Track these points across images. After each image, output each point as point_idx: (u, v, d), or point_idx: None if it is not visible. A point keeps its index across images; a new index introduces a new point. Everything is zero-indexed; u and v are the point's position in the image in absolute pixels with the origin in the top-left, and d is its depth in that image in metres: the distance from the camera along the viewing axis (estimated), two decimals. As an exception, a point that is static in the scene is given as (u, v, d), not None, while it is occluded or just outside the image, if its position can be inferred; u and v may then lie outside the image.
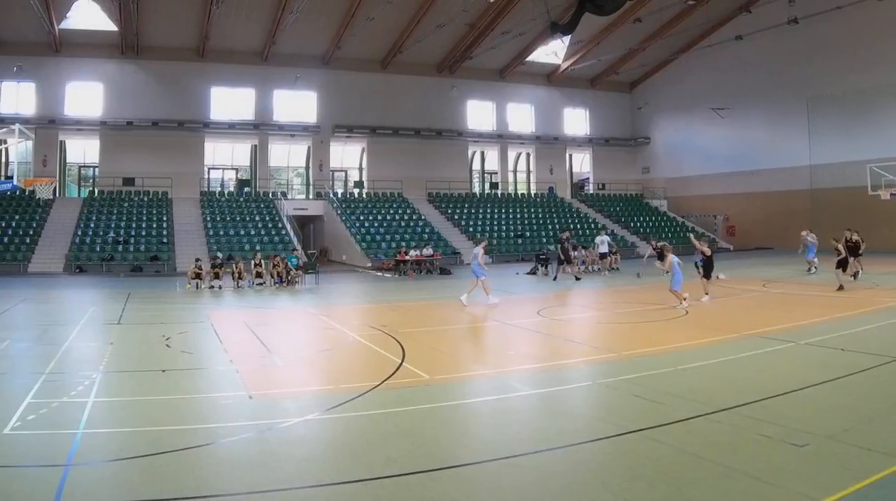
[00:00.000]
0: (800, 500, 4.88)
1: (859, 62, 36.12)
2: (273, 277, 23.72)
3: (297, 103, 41.90)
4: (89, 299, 19.88)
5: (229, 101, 40.67)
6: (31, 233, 32.20)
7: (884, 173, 31.01)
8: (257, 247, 31.01)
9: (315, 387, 8.88)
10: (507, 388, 8.55)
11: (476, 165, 48.72)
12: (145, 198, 37.30)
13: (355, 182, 44.34)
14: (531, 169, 49.61)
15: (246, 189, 41.09)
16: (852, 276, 18.55)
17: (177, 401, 7.93)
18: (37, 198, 31.69)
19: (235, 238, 34.09)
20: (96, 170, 39.18)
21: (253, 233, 34.90)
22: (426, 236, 36.19)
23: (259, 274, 23.92)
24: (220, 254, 26.37)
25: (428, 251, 30.90)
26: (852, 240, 21.27)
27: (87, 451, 6.08)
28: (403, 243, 32.15)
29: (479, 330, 14.07)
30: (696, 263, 19.21)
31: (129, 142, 38.19)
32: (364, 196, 42.49)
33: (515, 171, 49.83)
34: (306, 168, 43.93)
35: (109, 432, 6.74)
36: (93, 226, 33.32)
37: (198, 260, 23.47)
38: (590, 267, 28.33)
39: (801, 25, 34.38)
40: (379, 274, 29.75)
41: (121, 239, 32.26)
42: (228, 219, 36.28)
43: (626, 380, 8.58)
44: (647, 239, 35.50)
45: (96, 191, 38.22)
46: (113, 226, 33.45)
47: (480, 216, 41.74)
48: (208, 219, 35.86)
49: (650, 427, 6.56)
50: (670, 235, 39.43)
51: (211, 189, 41.23)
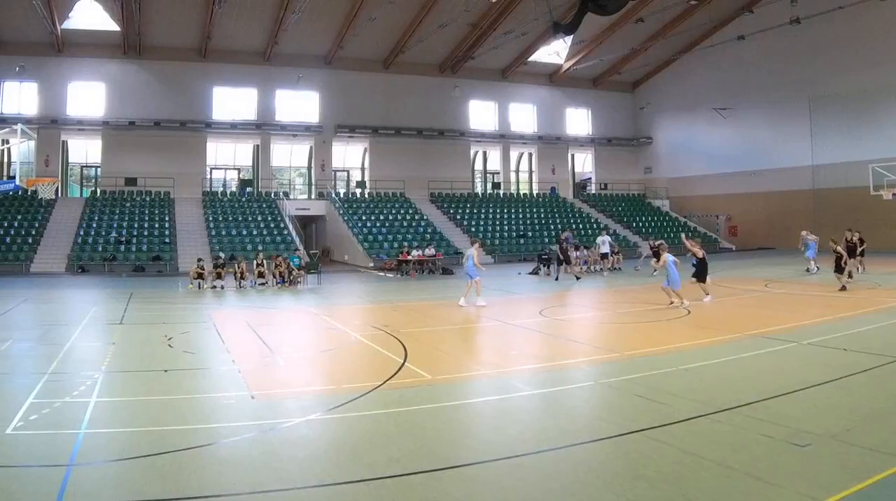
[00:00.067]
0: (802, 500, 4.88)
1: (861, 62, 36.09)
2: (275, 277, 23.75)
3: (299, 103, 41.91)
4: (91, 299, 19.90)
5: (231, 101, 40.70)
6: (34, 233, 32.25)
7: (886, 173, 30.98)
8: (259, 247, 31.03)
9: (317, 387, 8.88)
10: (509, 388, 8.55)
11: (478, 165, 48.72)
12: (147, 198, 37.34)
13: (357, 182, 44.37)
14: (533, 169, 49.61)
15: (248, 189, 41.15)
16: (847, 276, 18.51)
17: (179, 401, 7.94)
18: (39, 198, 31.61)
19: (238, 238, 34.12)
20: (98, 170, 39.21)
21: (255, 232, 34.93)
22: (428, 236, 36.19)
23: (261, 274, 23.94)
24: (222, 254, 26.42)
25: (430, 251, 30.89)
26: (852, 240, 21.25)
27: (89, 451, 6.08)
28: (406, 243, 32.14)
29: (482, 331, 14.06)
30: (694, 264, 19.12)
31: (132, 142, 38.24)
32: (366, 196, 42.53)
33: (518, 171, 49.81)
34: (308, 168, 43.96)
35: (112, 432, 6.75)
36: (95, 226, 33.36)
37: (200, 260, 23.53)
38: (592, 268, 28.34)
39: (803, 25, 34.38)
40: (381, 274, 29.77)
41: (123, 239, 32.29)
42: (231, 219, 36.31)
43: (628, 380, 8.58)
44: (647, 239, 35.43)
45: (98, 191, 38.25)
46: (115, 226, 33.49)
47: (483, 216, 41.74)
48: (210, 219, 35.89)
49: (652, 428, 6.56)
50: (672, 235, 39.38)
51: (213, 189, 41.28)
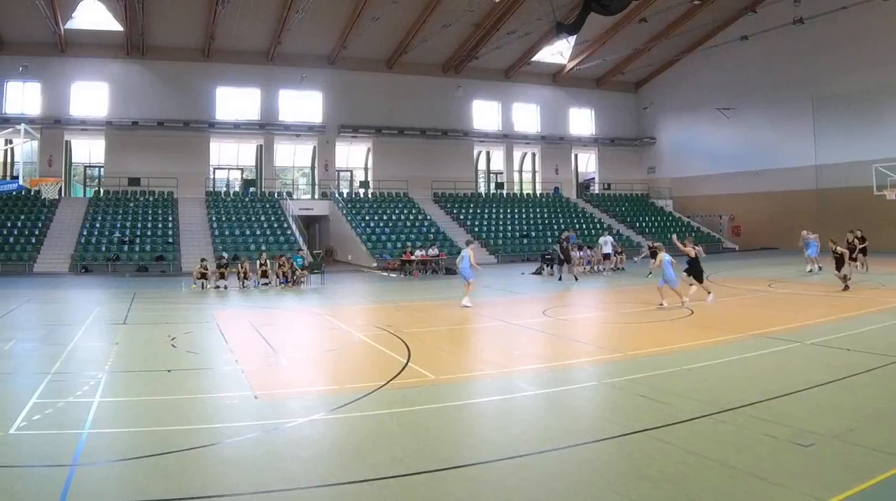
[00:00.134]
0: (805, 500, 4.87)
1: (864, 62, 36.01)
2: (278, 277, 23.76)
3: (302, 103, 41.93)
4: (95, 299, 19.96)
5: (235, 101, 40.73)
6: (37, 232, 32.31)
7: (889, 173, 30.88)
8: (263, 247, 31.07)
9: (320, 387, 8.88)
10: (513, 388, 8.55)
11: (481, 165, 48.70)
12: (151, 199, 37.39)
13: (361, 182, 44.39)
14: (536, 169, 49.58)
15: (251, 189, 41.20)
16: (843, 280, 18.41)
17: (182, 401, 7.95)
18: (42, 198, 31.79)
19: (241, 238, 34.15)
20: (102, 170, 39.26)
21: (258, 233, 34.96)
22: (432, 236, 36.19)
23: (264, 274, 23.94)
24: (225, 254, 26.44)
25: (433, 251, 30.87)
26: (852, 242, 21.20)
27: (92, 451, 6.10)
28: (409, 243, 32.16)
29: (485, 331, 14.06)
30: (688, 263, 19.07)
31: (135, 142, 38.28)
32: (369, 196, 42.54)
33: (521, 171, 49.77)
34: (312, 168, 44.00)
35: (115, 432, 6.76)
36: (98, 226, 33.41)
37: (203, 260, 23.57)
38: (595, 268, 28.32)
39: (806, 25, 34.34)
40: (384, 274, 29.78)
41: (126, 239, 32.34)
42: (234, 219, 36.35)
43: (632, 380, 8.58)
44: (649, 239, 35.42)
45: (102, 191, 38.30)
46: (118, 226, 33.54)
47: (486, 216, 41.73)
48: (214, 219, 35.94)
49: (655, 428, 6.56)
50: (664, 237, 39.27)
51: (216, 189, 41.31)
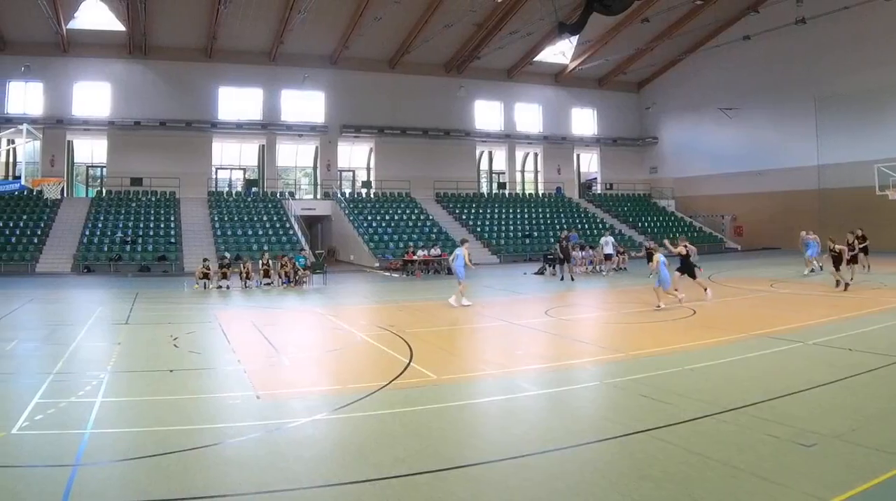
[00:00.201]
0: (807, 500, 4.88)
1: (867, 62, 35.94)
2: (281, 277, 23.75)
3: (304, 103, 41.95)
4: (97, 299, 19.98)
5: (237, 101, 40.74)
6: (39, 233, 32.35)
7: (891, 173, 30.78)
8: (265, 247, 31.06)
9: (323, 387, 8.89)
10: (515, 388, 8.55)
11: (484, 165, 48.67)
12: (153, 198, 37.42)
13: (363, 182, 44.40)
14: (539, 169, 49.55)
15: (254, 189, 41.22)
16: (836, 280, 18.38)
17: (184, 401, 7.96)
18: (44, 198, 31.80)
19: (243, 238, 34.17)
20: (104, 170, 39.32)
21: (261, 233, 34.98)
22: (434, 236, 36.17)
23: (267, 274, 23.95)
24: (227, 254, 26.47)
25: (436, 251, 30.84)
26: (852, 243, 21.18)
27: (94, 451, 6.10)
28: (411, 243, 32.17)
29: (487, 331, 14.05)
30: (696, 267, 19.06)
31: (137, 142, 38.33)
32: (372, 196, 42.54)
33: (523, 171, 49.76)
34: (314, 168, 44.00)
35: (117, 432, 6.77)
36: (100, 226, 33.44)
37: (205, 260, 23.57)
38: (597, 268, 28.31)
39: (808, 25, 34.25)
40: (386, 274, 29.78)
41: (128, 239, 32.37)
42: (236, 219, 36.37)
43: (634, 380, 8.57)
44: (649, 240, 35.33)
45: (104, 191, 38.36)
46: (121, 226, 33.56)
47: (488, 216, 41.71)
48: (216, 219, 35.96)
49: (657, 428, 6.56)
50: (676, 236, 39.25)
51: (218, 189, 41.34)
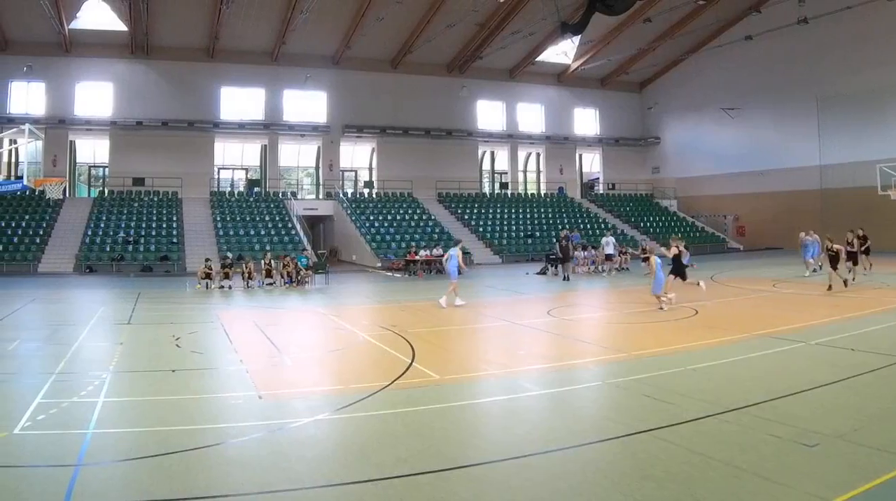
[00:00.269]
0: (810, 500, 4.87)
1: (869, 62, 35.90)
2: (283, 277, 23.75)
3: (307, 103, 41.95)
4: (99, 299, 20.00)
5: (239, 101, 40.76)
6: (41, 233, 32.39)
7: (893, 173, 30.71)
8: (267, 247, 31.05)
9: (325, 387, 8.89)
10: (517, 388, 8.54)
11: (486, 165, 48.64)
12: (155, 198, 37.45)
13: (365, 182, 44.39)
14: (541, 169, 49.52)
15: (256, 189, 41.22)
16: (829, 285, 18.36)
17: (186, 401, 7.96)
18: (47, 198, 31.78)
19: (245, 238, 34.19)
20: (106, 170, 39.37)
21: (263, 233, 34.98)
22: (436, 236, 36.15)
23: (269, 274, 23.96)
24: (230, 254, 26.50)
25: (438, 251, 30.73)
26: (851, 242, 21.16)
27: (96, 451, 6.11)
28: (413, 243, 32.16)
29: (489, 331, 14.05)
30: (689, 265, 18.99)
31: (139, 142, 38.36)
32: (374, 196, 42.52)
33: (525, 171, 49.75)
34: (316, 168, 44.00)
35: (119, 432, 6.77)
36: (103, 226, 33.47)
37: (208, 261, 23.56)
38: (599, 268, 28.31)
39: (810, 25, 34.22)
40: (389, 274, 29.78)
41: (131, 239, 32.40)
42: (238, 219, 36.39)
43: (636, 380, 8.57)
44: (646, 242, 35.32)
45: (106, 191, 38.42)
46: (123, 226, 33.59)
47: (490, 216, 41.69)
48: (218, 219, 35.98)
49: (660, 428, 6.55)
50: (678, 236, 39.23)
51: (221, 189, 41.34)
